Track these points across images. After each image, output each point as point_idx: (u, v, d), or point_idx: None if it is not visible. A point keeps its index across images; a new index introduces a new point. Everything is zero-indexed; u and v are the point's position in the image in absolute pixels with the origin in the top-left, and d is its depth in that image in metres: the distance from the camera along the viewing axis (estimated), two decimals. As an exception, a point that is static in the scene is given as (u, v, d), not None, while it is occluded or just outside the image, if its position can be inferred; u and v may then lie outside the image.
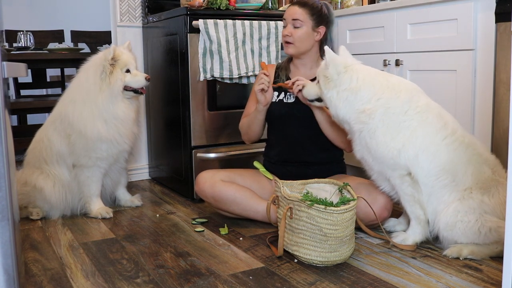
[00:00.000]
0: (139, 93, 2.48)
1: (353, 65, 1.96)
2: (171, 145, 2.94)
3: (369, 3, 2.99)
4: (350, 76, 1.93)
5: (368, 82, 1.93)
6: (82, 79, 2.44)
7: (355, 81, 1.92)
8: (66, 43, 4.47)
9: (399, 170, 1.91)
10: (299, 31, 2.20)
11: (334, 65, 1.93)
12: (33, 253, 2.01)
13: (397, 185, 1.95)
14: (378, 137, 1.90)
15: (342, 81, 1.93)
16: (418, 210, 1.93)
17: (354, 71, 1.94)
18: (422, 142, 1.86)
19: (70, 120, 2.38)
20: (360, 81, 1.92)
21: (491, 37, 2.09)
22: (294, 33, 2.20)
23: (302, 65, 2.31)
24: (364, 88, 1.91)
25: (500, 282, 1.30)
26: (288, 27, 2.22)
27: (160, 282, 1.71)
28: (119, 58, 2.40)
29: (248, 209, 2.21)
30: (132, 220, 2.43)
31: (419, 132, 1.87)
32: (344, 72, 1.93)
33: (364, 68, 1.98)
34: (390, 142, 1.89)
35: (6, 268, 1.13)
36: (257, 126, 2.31)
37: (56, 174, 2.44)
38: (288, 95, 2.28)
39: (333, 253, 1.78)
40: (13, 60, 2.34)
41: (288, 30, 2.21)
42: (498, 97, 2.07)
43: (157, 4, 3.19)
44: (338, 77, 1.93)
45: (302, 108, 2.23)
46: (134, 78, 2.43)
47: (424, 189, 1.90)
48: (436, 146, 1.86)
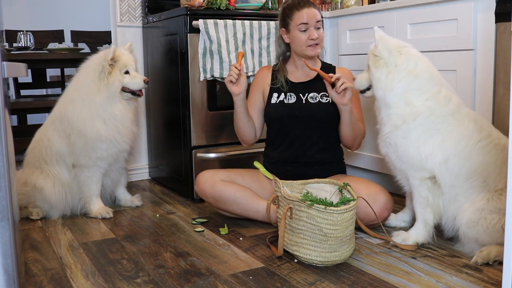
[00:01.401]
0: (136, 95, 2.47)
1: (408, 47, 1.92)
2: (171, 145, 2.94)
3: (369, 3, 2.99)
4: (407, 58, 1.88)
5: (428, 70, 1.88)
6: (81, 78, 2.44)
7: (413, 64, 1.87)
8: (66, 43, 4.47)
9: (422, 173, 1.89)
10: (321, 31, 2.24)
11: (384, 43, 1.89)
12: (33, 253, 2.01)
13: (415, 186, 1.93)
14: (411, 139, 1.87)
15: (396, 61, 1.88)
16: (428, 214, 1.91)
17: (412, 54, 1.90)
18: (455, 147, 1.83)
19: (70, 119, 2.38)
20: (419, 67, 1.87)
21: (491, 37, 2.09)
22: (320, 35, 2.23)
23: (303, 66, 2.30)
24: (424, 75, 1.87)
25: (500, 282, 1.30)
26: (312, 30, 2.20)
27: (160, 282, 1.71)
28: (119, 59, 2.40)
29: (248, 209, 2.21)
30: (132, 220, 2.43)
31: (453, 137, 1.84)
32: (398, 52, 1.89)
33: (421, 55, 1.93)
34: (421, 146, 1.86)
35: (6, 268, 1.13)
36: (240, 122, 2.29)
37: (56, 174, 2.44)
38: (289, 96, 2.28)
39: (333, 253, 1.78)
40: (13, 60, 2.35)
41: (314, 33, 2.20)
42: (498, 97, 2.07)
43: (157, 4, 3.19)
44: (390, 56, 1.89)
45: (303, 109, 2.24)
46: (133, 80, 2.43)
47: (451, 190, 1.86)
48: (469, 150, 1.82)
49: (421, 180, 1.90)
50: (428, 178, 1.89)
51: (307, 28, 2.20)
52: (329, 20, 3.01)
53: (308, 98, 2.27)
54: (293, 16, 2.22)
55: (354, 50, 2.81)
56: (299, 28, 2.20)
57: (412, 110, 1.86)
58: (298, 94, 2.28)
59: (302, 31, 2.21)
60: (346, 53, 2.87)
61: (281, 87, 2.30)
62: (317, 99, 2.26)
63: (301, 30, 2.21)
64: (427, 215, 1.92)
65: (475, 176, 1.82)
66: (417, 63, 1.88)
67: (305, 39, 2.20)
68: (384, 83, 1.90)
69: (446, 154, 1.84)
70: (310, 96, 2.27)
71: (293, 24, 2.22)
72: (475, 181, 1.82)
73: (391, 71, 1.89)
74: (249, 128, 2.33)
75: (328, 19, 3.01)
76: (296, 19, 2.21)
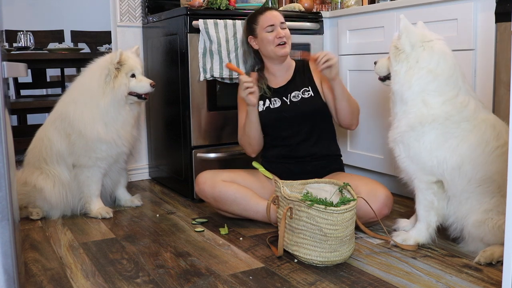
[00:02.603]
0: (142, 98, 2.46)
1: (433, 42, 1.80)
2: (171, 145, 2.94)
3: (369, 3, 2.99)
4: (430, 55, 1.78)
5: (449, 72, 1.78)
6: (86, 80, 2.43)
7: (435, 63, 1.77)
8: (66, 43, 4.47)
9: (430, 177, 1.86)
10: (287, 31, 2.32)
11: (408, 36, 1.79)
12: (33, 253, 2.01)
13: (420, 189, 1.90)
14: (425, 142, 1.81)
15: (418, 57, 1.79)
16: (432, 217, 1.90)
17: (436, 51, 1.78)
18: (470, 153, 1.77)
19: (71, 120, 2.38)
20: (440, 67, 1.77)
21: (491, 37, 2.09)
22: (286, 33, 2.30)
23: (279, 69, 2.36)
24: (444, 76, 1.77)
25: (500, 282, 1.30)
26: (279, 29, 2.27)
27: (160, 282, 1.71)
28: (125, 62, 2.39)
29: (248, 209, 2.21)
30: (132, 220, 2.43)
31: (468, 142, 1.77)
32: (421, 47, 1.79)
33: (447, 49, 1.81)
34: (435, 150, 1.81)
35: (6, 268, 1.13)
36: (254, 130, 2.30)
37: (56, 174, 2.43)
38: (274, 101, 2.32)
39: (333, 253, 1.78)
40: (13, 60, 2.34)
41: (281, 32, 2.27)
42: (498, 97, 2.07)
43: (157, 4, 3.19)
44: (412, 51, 1.80)
45: (289, 109, 2.29)
46: (139, 84, 2.42)
47: (462, 194, 1.81)
48: (485, 157, 1.75)
49: (428, 184, 1.87)
50: (435, 183, 1.86)
51: (273, 29, 2.28)
52: (329, 20, 3.01)
53: (291, 98, 2.32)
54: (258, 20, 2.31)
55: (354, 50, 2.81)
56: (266, 30, 2.28)
57: (429, 112, 1.80)
58: (282, 97, 2.33)
59: (269, 32, 2.28)
60: (346, 53, 2.87)
61: (264, 93, 2.34)
62: (300, 96, 2.31)
63: (268, 32, 2.28)
64: (430, 217, 1.90)
65: (489, 183, 1.76)
66: (439, 62, 1.78)
67: (273, 38, 2.27)
68: (403, 78, 1.82)
69: (460, 160, 1.78)
70: (292, 96, 2.32)
71: (260, 28, 2.30)
72: (489, 187, 1.77)
73: (411, 66, 1.80)
74: (260, 136, 2.34)
75: (328, 19, 3.01)
76: (262, 22, 2.30)
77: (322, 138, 2.33)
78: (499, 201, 1.75)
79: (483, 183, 1.77)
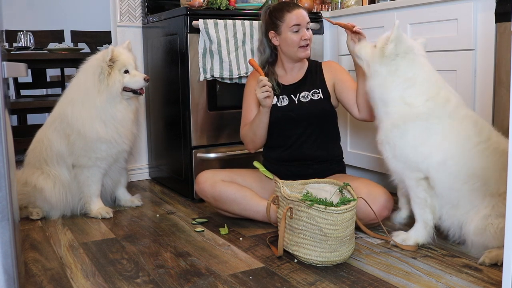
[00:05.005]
0: (138, 93, 2.47)
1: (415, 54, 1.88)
2: (171, 145, 2.94)
3: (369, 3, 2.99)
4: (410, 66, 1.86)
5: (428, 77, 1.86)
6: (81, 80, 2.44)
7: (411, 73, 1.85)
8: (66, 43, 4.47)
9: (418, 173, 1.88)
10: (310, 32, 2.26)
11: (396, 46, 1.85)
12: (33, 253, 2.01)
13: (411, 188, 1.92)
14: (409, 139, 1.85)
15: (398, 65, 1.86)
16: (427, 215, 1.91)
17: (416, 63, 1.87)
18: (454, 148, 1.81)
19: (69, 120, 2.38)
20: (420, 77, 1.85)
21: (491, 37, 2.09)
22: (310, 35, 2.24)
23: (293, 68, 2.33)
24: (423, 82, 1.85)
25: (500, 282, 1.30)
26: (304, 30, 2.21)
27: (160, 282, 1.71)
28: (118, 58, 2.39)
29: (248, 209, 2.21)
30: (132, 220, 2.43)
31: (451, 138, 1.82)
32: (403, 57, 1.86)
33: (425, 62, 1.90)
34: (419, 147, 1.84)
35: (6, 268, 1.13)
36: (263, 130, 2.27)
37: (56, 174, 2.44)
38: (281, 98, 2.29)
39: (333, 253, 1.78)
40: (13, 60, 2.34)
41: (306, 33, 2.21)
42: (498, 97, 2.07)
43: (157, 4, 3.19)
44: (395, 59, 1.86)
45: (297, 109, 2.26)
46: (133, 79, 2.42)
47: (451, 193, 1.84)
48: (467, 152, 1.80)
49: (417, 181, 1.89)
50: (423, 179, 1.88)
51: (299, 29, 2.21)
52: (329, 20, 3.01)
53: (300, 98, 2.28)
54: (285, 18, 2.21)
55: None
56: (291, 29, 2.21)
57: (412, 111, 1.85)
58: (290, 96, 2.29)
59: (294, 32, 2.21)
60: (346, 53, 2.85)
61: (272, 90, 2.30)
62: (309, 97, 2.28)
63: (293, 31, 2.21)
64: (426, 215, 1.91)
65: (475, 179, 1.80)
66: (417, 73, 1.86)
67: (298, 40, 2.20)
68: (383, 79, 1.89)
69: (444, 155, 1.82)
70: (301, 96, 2.28)
71: (285, 26, 2.21)
72: (475, 184, 1.80)
73: (391, 72, 1.88)
74: (265, 135, 2.31)
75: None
76: (288, 21, 2.20)
77: (327, 142, 2.30)
78: (491, 203, 1.77)
79: (469, 180, 1.80)
